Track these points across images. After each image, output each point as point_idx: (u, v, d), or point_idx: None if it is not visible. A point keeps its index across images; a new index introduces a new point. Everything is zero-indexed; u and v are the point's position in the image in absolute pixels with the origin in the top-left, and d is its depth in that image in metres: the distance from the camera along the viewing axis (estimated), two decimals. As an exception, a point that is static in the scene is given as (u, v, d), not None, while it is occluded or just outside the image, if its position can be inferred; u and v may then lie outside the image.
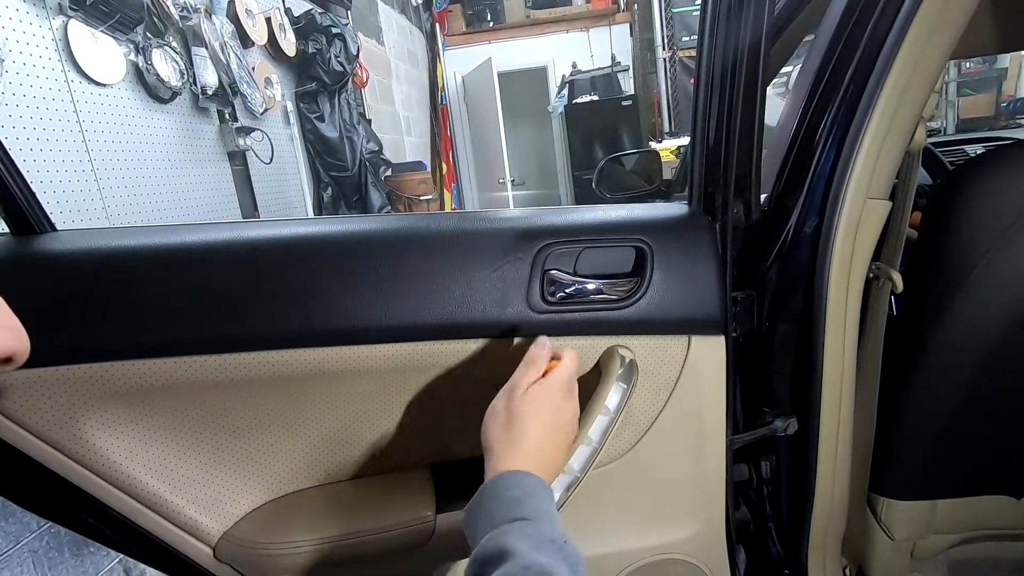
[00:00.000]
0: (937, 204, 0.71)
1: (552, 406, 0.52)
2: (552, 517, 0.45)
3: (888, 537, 0.77)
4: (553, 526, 0.44)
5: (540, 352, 0.54)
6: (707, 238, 0.61)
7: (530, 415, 0.51)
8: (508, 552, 0.40)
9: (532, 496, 0.46)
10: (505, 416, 0.52)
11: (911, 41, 0.56)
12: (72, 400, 0.54)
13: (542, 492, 0.48)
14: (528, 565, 0.39)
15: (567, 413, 0.53)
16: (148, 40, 2.06)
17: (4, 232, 0.57)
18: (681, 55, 5.39)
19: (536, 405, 0.52)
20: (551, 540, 0.42)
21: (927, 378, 0.69)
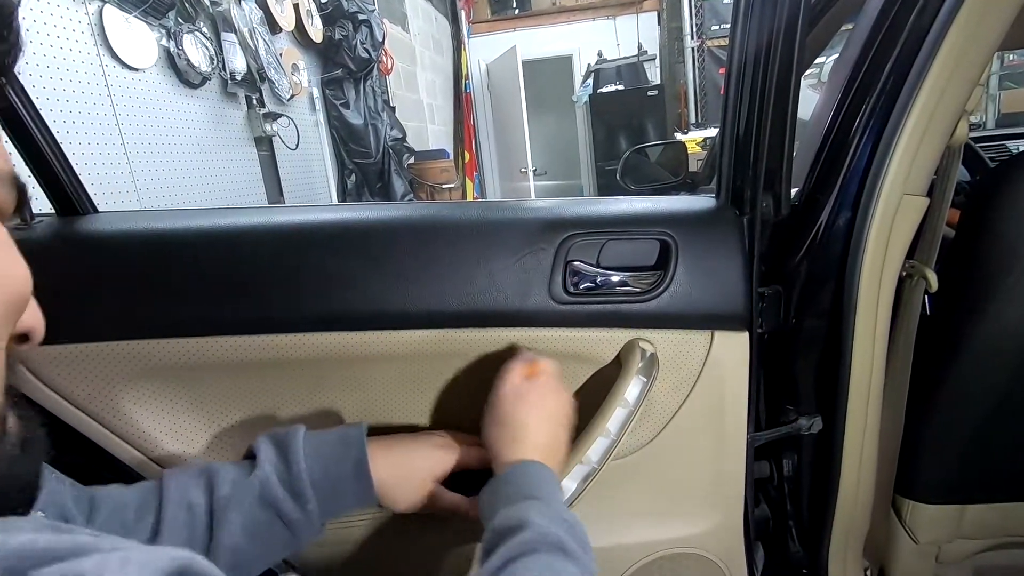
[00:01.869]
0: (977, 202, 0.68)
1: (542, 398, 0.53)
2: (560, 502, 0.47)
3: (912, 540, 0.75)
4: (562, 508, 0.46)
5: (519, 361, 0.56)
6: (734, 232, 0.60)
7: (524, 411, 0.52)
8: (525, 523, 0.41)
9: (543, 482, 0.48)
10: (500, 416, 0.53)
11: (956, 31, 0.53)
12: (110, 374, 0.56)
13: (550, 479, 0.49)
14: (545, 533, 0.41)
15: (559, 402, 0.55)
16: (179, 25, 2.09)
17: (50, 212, 0.59)
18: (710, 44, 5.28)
19: (527, 400, 0.53)
20: (563, 519, 0.43)
21: (960, 380, 0.67)
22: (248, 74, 2.44)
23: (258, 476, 0.49)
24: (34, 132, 0.54)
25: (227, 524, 0.47)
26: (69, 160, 0.57)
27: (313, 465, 0.51)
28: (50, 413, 0.56)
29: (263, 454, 0.51)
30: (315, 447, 0.52)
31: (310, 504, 0.50)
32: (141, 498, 0.47)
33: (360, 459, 0.53)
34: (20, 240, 0.55)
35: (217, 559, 0.47)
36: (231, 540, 0.47)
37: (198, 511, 0.47)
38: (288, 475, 0.50)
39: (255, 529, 0.48)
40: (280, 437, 0.52)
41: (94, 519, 0.44)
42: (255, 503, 0.49)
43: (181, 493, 0.48)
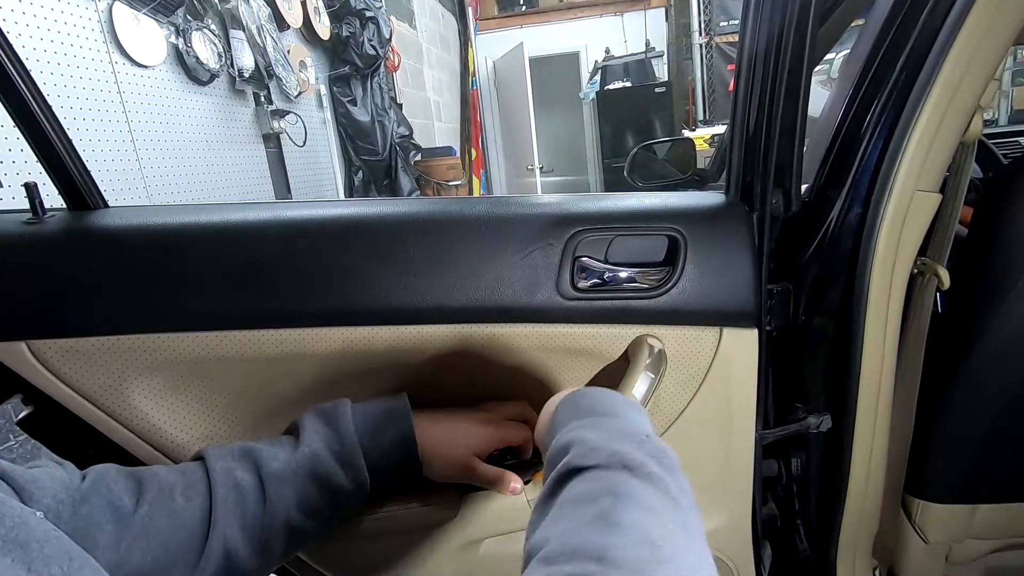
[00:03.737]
0: (990, 199, 0.68)
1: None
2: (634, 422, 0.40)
3: (922, 540, 0.74)
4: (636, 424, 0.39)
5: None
6: (743, 229, 0.59)
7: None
8: (574, 441, 0.36)
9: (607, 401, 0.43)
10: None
11: (972, 24, 0.53)
12: (121, 368, 0.57)
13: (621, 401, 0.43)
14: (598, 448, 0.35)
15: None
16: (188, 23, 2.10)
17: (61, 207, 0.59)
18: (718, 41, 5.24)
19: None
20: (628, 434, 0.37)
21: (972, 378, 0.66)
22: (256, 71, 2.45)
23: (308, 451, 0.49)
24: (46, 128, 0.54)
25: (282, 501, 0.47)
26: (80, 156, 0.57)
27: (363, 438, 0.51)
28: (62, 406, 0.57)
29: (310, 429, 0.51)
30: (363, 419, 0.52)
31: (362, 475, 0.50)
32: (185, 480, 0.46)
33: (406, 433, 0.53)
34: (32, 234, 0.56)
35: (274, 535, 0.47)
36: (286, 515, 0.47)
37: (248, 490, 0.47)
38: (341, 448, 0.50)
39: (309, 504, 0.49)
40: (328, 411, 0.52)
41: (142, 500, 0.43)
42: (307, 478, 0.49)
43: (227, 474, 0.47)
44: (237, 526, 0.46)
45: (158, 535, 0.42)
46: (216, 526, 0.44)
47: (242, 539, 0.46)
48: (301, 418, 0.53)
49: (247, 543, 0.46)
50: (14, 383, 0.57)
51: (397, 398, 0.56)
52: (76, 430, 0.58)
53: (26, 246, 0.55)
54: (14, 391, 0.58)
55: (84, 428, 0.58)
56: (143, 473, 0.46)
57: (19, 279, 0.55)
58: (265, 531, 0.47)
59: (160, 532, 0.43)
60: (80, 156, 0.57)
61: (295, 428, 0.52)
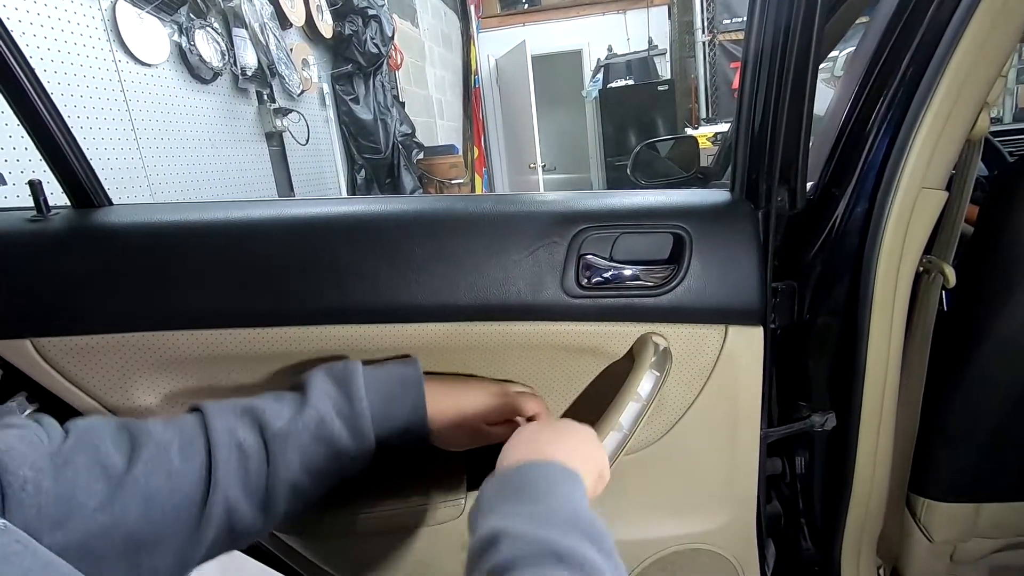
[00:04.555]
0: (997, 197, 0.67)
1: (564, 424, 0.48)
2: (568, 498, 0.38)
3: (927, 539, 0.74)
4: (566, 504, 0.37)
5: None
6: (748, 226, 0.59)
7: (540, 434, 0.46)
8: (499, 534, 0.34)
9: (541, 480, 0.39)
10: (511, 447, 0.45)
11: (978, 21, 0.52)
12: (125, 365, 0.57)
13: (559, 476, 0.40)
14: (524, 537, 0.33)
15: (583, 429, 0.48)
16: (191, 21, 2.10)
17: (66, 205, 0.59)
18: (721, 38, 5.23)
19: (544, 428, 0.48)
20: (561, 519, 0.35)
21: (978, 377, 0.66)
22: (259, 69, 2.45)
23: (315, 413, 0.48)
24: (51, 126, 0.54)
25: (285, 461, 0.46)
26: (84, 154, 0.57)
27: (374, 405, 0.50)
28: (66, 403, 0.57)
29: (319, 388, 0.50)
30: (375, 384, 0.51)
31: (368, 440, 0.50)
32: (182, 438, 0.44)
33: (418, 401, 0.53)
34: (36, 232, 0.56)
35: (277, 495, 0.46)
36: (289, 476, 0.47)
37: (251, 450, 0.46)
38: (350, 411, 0.49)
39: (313, 465, 0.48)
40: (339, 372, 0.51)
41: (135, 459, 0.41)
42: (312, 439, 0.48)
43: (229, 434, 0.45)
44: (239, 487, 0.45)
45: (155, 496, 0.41)
46: (218, 487, 0.43)
47: (245, 499, 0.45)
48: (309, 376, 0.51)
49: (249, 503, 0.45)
50: (19, 380, 0.57)
51: (409, 364, 0.55)
52: None
53: (31, 243, 0.56)
54: (19, 389, 0.58)
55: None
56: (136, 429, 0.43)
57: (24, 276, 0.55)
58: (268, 491, 0.46)
59: (158, 492, 0.41)
60: (84, 154, 0.57)
61: (301, 385, 0.51)
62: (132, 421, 0.45)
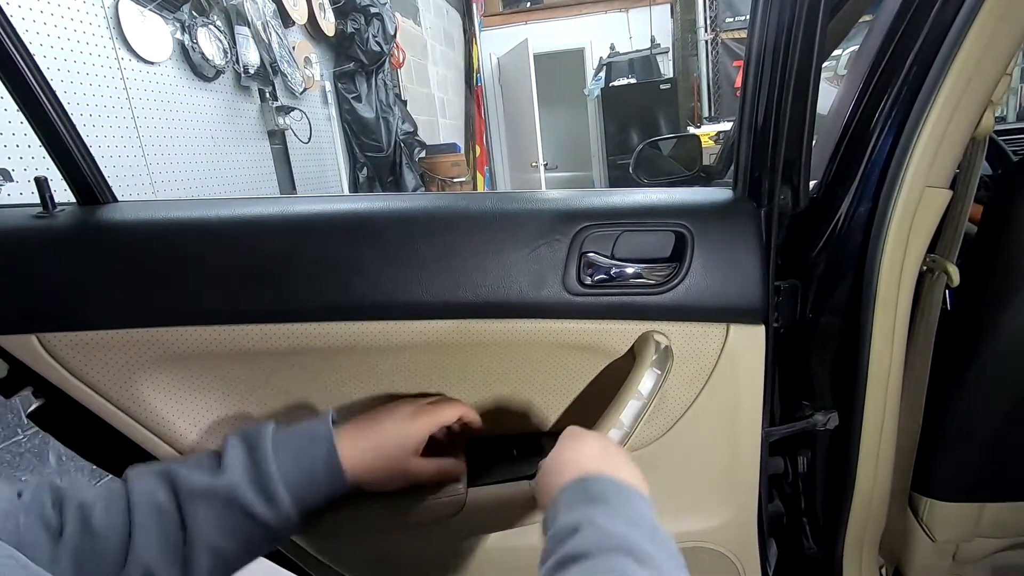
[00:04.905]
0: (1001, 196, 0.67)
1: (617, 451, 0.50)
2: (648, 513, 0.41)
3: (929, 538, 0.74)
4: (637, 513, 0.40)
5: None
6: (751, 225, 0.59)
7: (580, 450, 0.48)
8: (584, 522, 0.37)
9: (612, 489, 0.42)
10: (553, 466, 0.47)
11: (983, 20, 0.52)
12: (131, 361, 0.57)
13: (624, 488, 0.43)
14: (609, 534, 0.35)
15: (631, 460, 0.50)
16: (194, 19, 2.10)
17: (71, 202, 0.60)
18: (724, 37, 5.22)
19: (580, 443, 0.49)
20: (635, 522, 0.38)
21: (981, 376, 0.66)
22: (261, 67, 2.45)
23: (227, 481, 0.48)
24: (56, 123, 0.54)
25: (199, 524, 0.47)
26: (90, 151, 0.57)
27: (283, 464, 0.50)
28: (72, 399, 0.57)
29: (231, 457, 0.50)
30: (284, 446, 0.51)
31: (283, 503, 0.49)
32: (105, 499, 0.46)
33: (329, 453, 0.52)
34: (42, 228, 0.56)
35: (196, 557, 0.46)
36: (207, 539, 0.47)
37: (167, 512, 0.46)
38: (258, 476, 0.49)
39: (230, 529, 0.48)
40: (250, 437, 0.51)
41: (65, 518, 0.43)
42: (224, 506, 0.48)
43: (148, 496, 0.46)
44: (156, 548, 0.45)
45: (81, 556, 0.42)
46: (135, 549, 0.44)
47: (162, 561, 0.45)
48: (225, 441, 0.52)
49: (167, 566, 0.45)
50: (25, 376, 0.57)
51: (320, 419, 0.54)
52: (86, 423, 0.58)
53: (36, 240, 0.56)
54: (25, 384, 0.58)
55: (94, 421, 0.58)
56: (64, 491, 0.45)
57: (30, 272, 0.56)
58: (186, 556, 0.46)
59: (82, 553, 0.42)
60: (90, 151, 0.57)
61: (218, 450, 0.51)
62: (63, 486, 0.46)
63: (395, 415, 0.57)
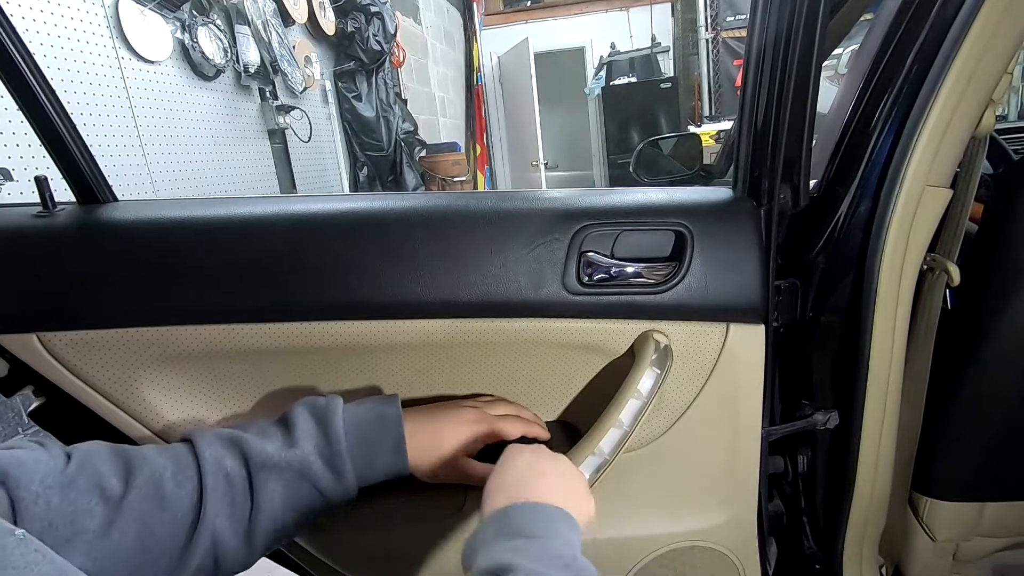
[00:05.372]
0: (1001, 195, 0.67)
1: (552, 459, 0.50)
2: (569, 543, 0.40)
3: (930, 538, 0.74)
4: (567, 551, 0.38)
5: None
6: (751, 224, 0.59)
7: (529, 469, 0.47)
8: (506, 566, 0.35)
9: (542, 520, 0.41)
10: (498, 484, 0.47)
11: (984, 18, 0.52)
12: (130, 360, 0.57)
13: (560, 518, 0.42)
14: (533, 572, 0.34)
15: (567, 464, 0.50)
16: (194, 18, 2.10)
17: (71, 201, 0.60)
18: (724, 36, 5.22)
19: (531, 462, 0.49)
20: (564, 564, 0.37)
21: (981, 375, 0.66)
22: (261, 66, 2.45)
23: (299, 454, 0.49)
24: (56, 122, 0.54)
25: (268, 494, 0.47)
26: (90, 150, 0.57)
27: (352, 443, 0.51)
28: (72, 398, 0.57)
29: (302, 429, 0.51)
30: (355, 424, 0.52)
31: (350, 480, 0.51)
32: (176, 464, 0.45)
33: (398, 438, 0.53)
34: (42, 227, 0.56)
35: (259, 528, 0.47)
36: (272, 509, 0.48)
37: (236, 480, 0.47)
38: (329, 453, 0.50)
39: (295, 500, 0.49)
40: (320, 411, 0.52)
41: (132, 484, 0.42)
42: (295, 477, 0.49)
43: (217, 462, 0.47)
44: (226, 516, 0.45)
45: (149, 522, 0.42)
46: (206, 515, 0.44)
47: (230, 529, 0.45)
48: (293, 412, 0.52)
49: (234, 533, 0.46)
50: (25, 375, 0.57)
51: (389, 402, 0.55)
52: (86, 422, 0.59)
53: (37, 239, 0.56)
54: (25, 383, 0.58)
55: (94, 420, 0.58)
56: (132, 455, 0.45)
57: (30, 272, 0.56)
58: (252, 523, 0.47)
59: (151, 519, 0.42)
60: (90, 150, 0.57)
61: (286, 421, 0.52)
62: (127, 447, 0.46)
63: (458, 418, 0.58)
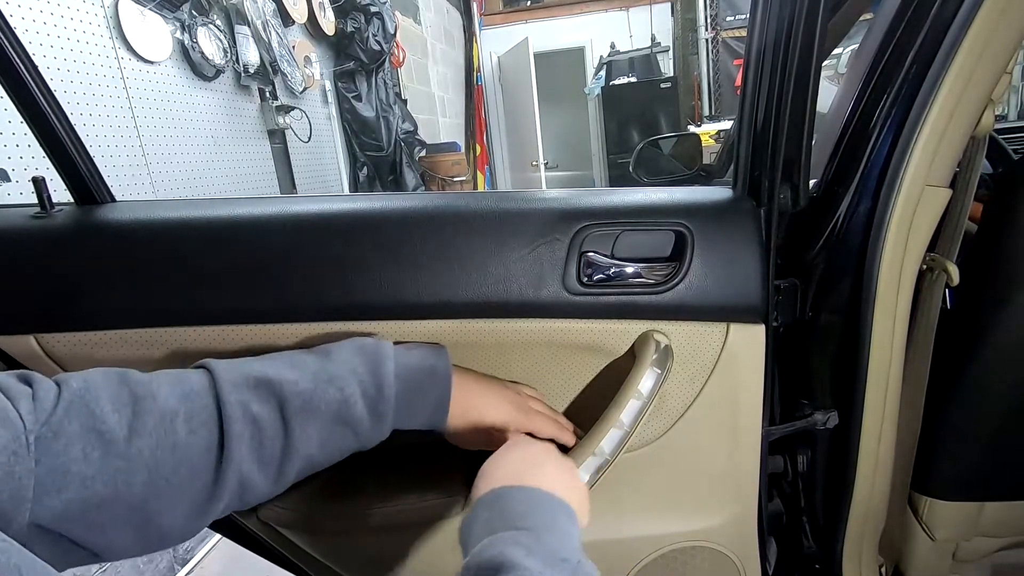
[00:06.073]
0: (1001, 195, 0.67)
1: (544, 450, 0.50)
2: (568, 535, 0.39)
3: (929, 537, 0.74)
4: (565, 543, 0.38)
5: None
6: (751, 224, 0.59)
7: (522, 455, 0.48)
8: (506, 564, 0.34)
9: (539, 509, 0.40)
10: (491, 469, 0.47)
11: (983, 18, 0.52)
12: (128, 361, 0.57)
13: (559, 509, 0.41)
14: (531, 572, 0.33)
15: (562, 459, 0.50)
16: (194, 18, 2.10)
17: (69, 202, 0.60)
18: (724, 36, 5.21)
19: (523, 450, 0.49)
20: (562, 559, 0.35)
21: (981, 375, 0.66)
22: (261, 67, 2.45)
23: (339, 393, 0.47)
24: (54, 122, 0.54)
25: (303, 439, 0.45)
26: (88, 150, 0.57)
27: (400, 389, 0.49)
28: None
29: (346, 364, 0.48)
30: (405, 369, 0.50)
31: (386, 425, 0.49)
32: (189, 407, 0.42)
33: (443, 395, 0.52)
34: (40, 228, 0.56)
35: (290, 466, 0.45)
36: (306, 449, 0.46)
37: (266, 425, 0.44)
38: (375, 396, 0.48)
39: (329, 442, 0.47)
40: (370, 352, 0.50)
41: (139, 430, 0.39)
42: (333, 420, 0.47)
43: (244, 407, 0.44)
44: (253, 460, 0.43)
45: (160, 468, 0.39)
46: (231, 461, 0.42)
47: (259, 471, 0.44)
48: (340, 347, 0.50)
49: (263, 474, 0.44)
50: (23, 376, 0.57)
51: (439, 354, 0.54)
52: None
53: (34, 240, 0.56)
54: (23, 384, 0.58)
55: None
56: (139, 391, 0.41)
57: (27, 273, 0.55)
58: (282, 463, 0.45)
59: (163, 465, 0.40)
60: (88, 151, 0.57)
61: (327, 352, 0.50)
62: (134, 377, 0.42)
63: (502, 395, 0.57)
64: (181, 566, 1.65)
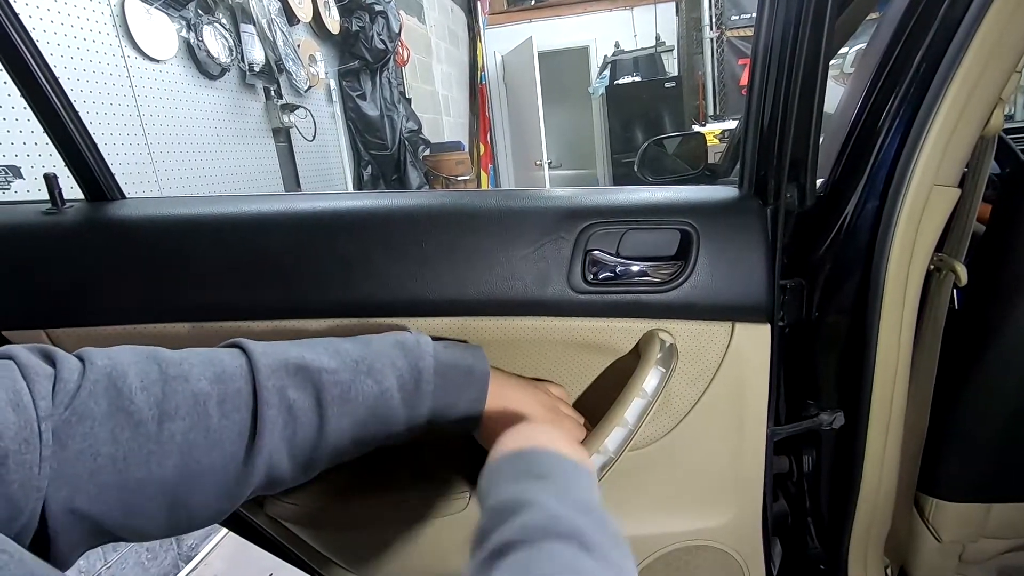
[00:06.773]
0: (1009, 195, 0.67)
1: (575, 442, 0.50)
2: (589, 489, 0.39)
3: (935, 539, 0.74)
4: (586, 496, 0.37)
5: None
6: (757, 223, 0.59)
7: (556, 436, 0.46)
8: (528, 503, 0.33)
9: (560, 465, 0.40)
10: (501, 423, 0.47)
11: (993, 17, 0.52)
12: None
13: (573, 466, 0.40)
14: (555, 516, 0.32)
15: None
16: (199, 17, 2.11)
17: (79, 198, 0.60)
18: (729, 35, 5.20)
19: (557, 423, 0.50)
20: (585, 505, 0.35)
21: (988, 376, 0.66)
22: (266, 65, 2.46)
23: (376, 387, 0.46)
24: (65, 120, 0.55)
25: (337, 429, 0.44)
26: (98, 147, 0.58)
27: (437, 384, 0.49)
28: None
29: (386, 357, 0.47)
30: (444, 365, 0.49)
31: (420, 420, 0.48)
32: (223, 391, 0.41)
33: (479, 396, 0.51)
34: (51, 224, 0.56)
35: (320, 456, 0.45)
36: (338, 441, 0.45)
37: (302, 414, 0.43)
38: (413, 390, 0.47)
39: (362, 435, 0.46)
40: (410, 346, 0.49)
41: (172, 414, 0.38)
42: (368, 415, 0.46)
43: (280, 394, 0.42)
44: (285, 449, 0.42)
45: (193, 451, 0.38)
46: (263, 448, 0.41)
47: (288, 460, 0.43)
48: (377, 339, 0.49)
49: (292, 463, 0.43)
50: (32, 372, 0.57)
51: (477, 354, 0.53)
52: None
53: (46, 236, 0.56)
54: (32, 380, 0.59)
55: None
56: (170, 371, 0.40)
57: (39, 268, 0.56)
58: (313, 453, 0.44)
59: (195, 448, 0.39)
60: (98, 148, 0.58)
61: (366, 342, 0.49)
62: (163, 355, 0.41)
63: (535, 397, 0.56)
64: (185, 563, 1.66)
